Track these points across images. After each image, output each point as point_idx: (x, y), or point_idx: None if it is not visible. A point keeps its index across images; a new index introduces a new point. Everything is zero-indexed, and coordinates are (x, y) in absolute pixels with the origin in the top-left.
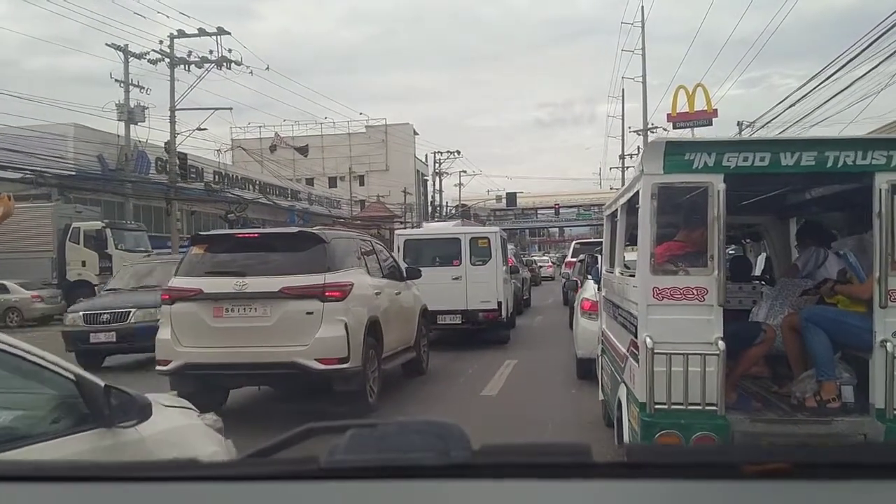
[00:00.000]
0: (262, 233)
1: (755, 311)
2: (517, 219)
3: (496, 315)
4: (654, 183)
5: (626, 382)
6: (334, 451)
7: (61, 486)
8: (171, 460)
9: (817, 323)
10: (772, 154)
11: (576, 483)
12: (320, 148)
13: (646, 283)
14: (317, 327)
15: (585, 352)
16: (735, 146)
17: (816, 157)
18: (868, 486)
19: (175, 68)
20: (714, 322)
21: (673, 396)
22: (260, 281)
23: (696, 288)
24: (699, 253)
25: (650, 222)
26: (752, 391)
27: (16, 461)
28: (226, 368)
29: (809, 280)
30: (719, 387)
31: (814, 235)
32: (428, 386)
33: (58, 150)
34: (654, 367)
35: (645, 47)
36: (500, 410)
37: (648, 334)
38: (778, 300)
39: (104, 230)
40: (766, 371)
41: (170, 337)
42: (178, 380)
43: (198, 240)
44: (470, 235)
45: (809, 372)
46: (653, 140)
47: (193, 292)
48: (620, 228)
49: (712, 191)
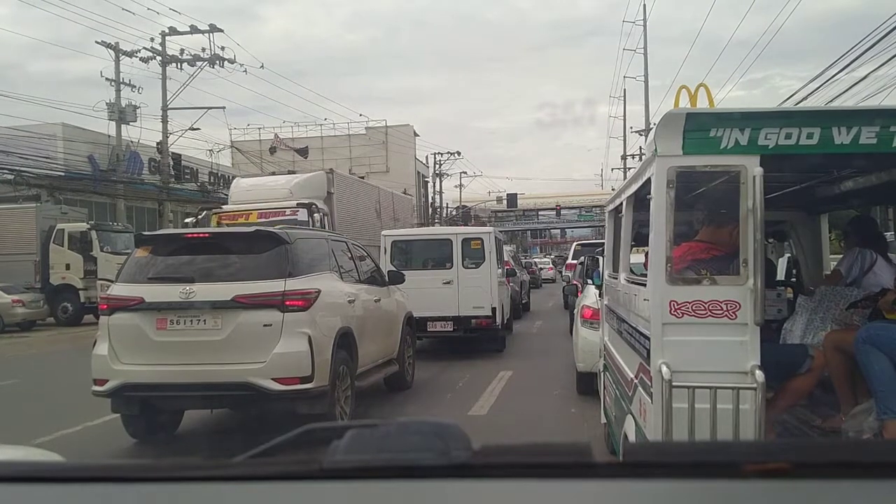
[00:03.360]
0: (213, 232)
1: (788, 327)
2: (518, 220)
3: (490, 322)
4: (670, 167)
5: (635, 416)
6: (334, 451)
7: (61, 487)
8: (171, 460)
9: (879, 346)
10: (822, 129)
11: (576, 483)
12: (320, 150)
13: (660, 296)
14: (275, 341)
15: (586, 365)
16: (775, 119)
17: (879, 134)
18: (869, 486)
19: (167, 66)
20: (749, 345)
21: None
22: (210, 288)
23: (726, 301)
24: (728, 256)
25: (666, 217)
26: (791, 426)
27: (16, 461)
28: (170, 389)
29: (856, 289)
30: (757, 429)
31: (864, 234)
32: (410, 403)
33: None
34: (672, 404)
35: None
36: (488, 433)
37: (665, 361)
38: (817, 313)
39: (89, 232)
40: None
41: (107, 353)
42: (118, 402)
43: (141, 241)
44: (462, 236)
45: (866, 405)
46: (669, 111)
47: (134, 301)
48: (626, 226)
49: (746, 177)
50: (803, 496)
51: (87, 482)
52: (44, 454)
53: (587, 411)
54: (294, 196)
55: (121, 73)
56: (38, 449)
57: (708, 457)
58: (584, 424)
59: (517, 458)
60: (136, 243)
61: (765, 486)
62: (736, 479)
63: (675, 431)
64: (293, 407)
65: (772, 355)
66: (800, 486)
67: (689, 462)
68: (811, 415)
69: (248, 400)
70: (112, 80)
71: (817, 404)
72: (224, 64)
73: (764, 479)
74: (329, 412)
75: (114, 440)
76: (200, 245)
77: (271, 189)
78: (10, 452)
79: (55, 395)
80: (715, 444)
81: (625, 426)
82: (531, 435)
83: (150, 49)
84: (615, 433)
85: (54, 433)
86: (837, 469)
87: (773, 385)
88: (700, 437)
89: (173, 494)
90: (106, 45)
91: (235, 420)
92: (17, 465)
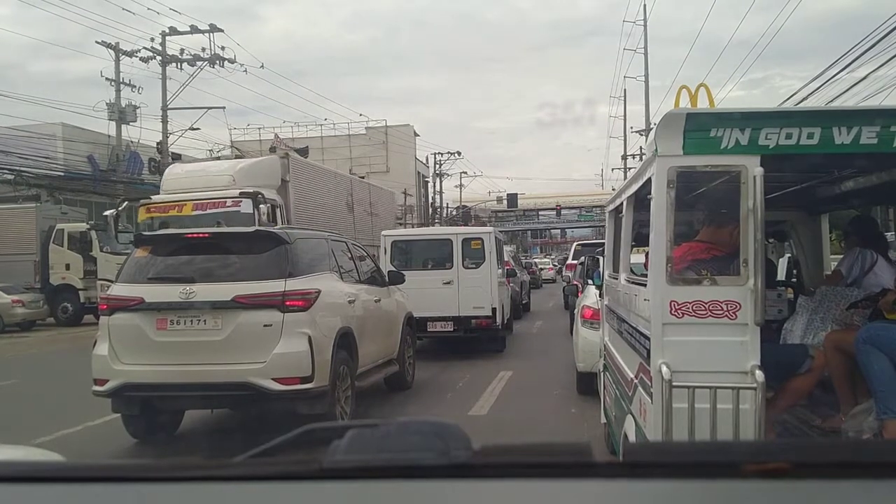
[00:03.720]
0: (213, 232)
1: (789, 327)
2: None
3: (490, 322)
4: (671, 167)
5: (635, 416)
6: (334, 451)
7: (61, 487)
8: (171, 460)
9: (879, 346)
10: (823, 129)
11: (576, 483)
12: (320, 150)
13: (661, 296)
14: (275, 341)
15: (587, 365)
16: (776, 119)
17: (880, 134)
18: (869, 486)
19: (167, 66)
20: (749, 345)
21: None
22: (210, 288)
23: (726, 302)
24: (729, 256)
25: (666, 217)
26: (791, 426)
27: (16, 461)
28: (170, 389)
29: (856, 289)
30: (757, 429)
31: (865, 234)
32: (410, 403)
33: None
34: (672, 404)
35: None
36: (488, 433)
37: (664, 361)
38: (818, 314)
39: (89, 232)
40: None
41: (107, 353)
42: (119, 402)
43: (140, 241)
44: (462, 236)
45: (865, 405)
46: (670, 111)
47: (134, 301)
48: (626, 226)
49: (746, 176)
50: (803, 496)
51: (87, 482)
52: (44, 454)
53: (587, 411)
54: (237, 184)
55: (121, 73)
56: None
57: (708, 457)
58: (584, 424)
59: (517, 458)
60: (136, 243)
61: (765, 486)
62: (736, 479)
63: (675, 431)
64: (293, 407)
65: (772, 355)
66: (800, 486)
67: (689, 462)
68: (811, 415)
69: (249, 400)
70: (112, 80)
71: (817, 404)
72: (224, 64)
73: (764, 479)
74: (329, 412)
75: (114, 440)
76: (200, 245)
77: (211, 176)
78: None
79: (55, 395)
80: (715, 444)
81: (625, 426)
82: (531, 435)
83: (150, 49)
84: (615, 433)
85: (54, 433)
86: (837, 469)
87: (773, 385)
88: (700, 437)
89: (173, 494)
90: (106, 45)
91: (235, 420)
92: (17, 464)
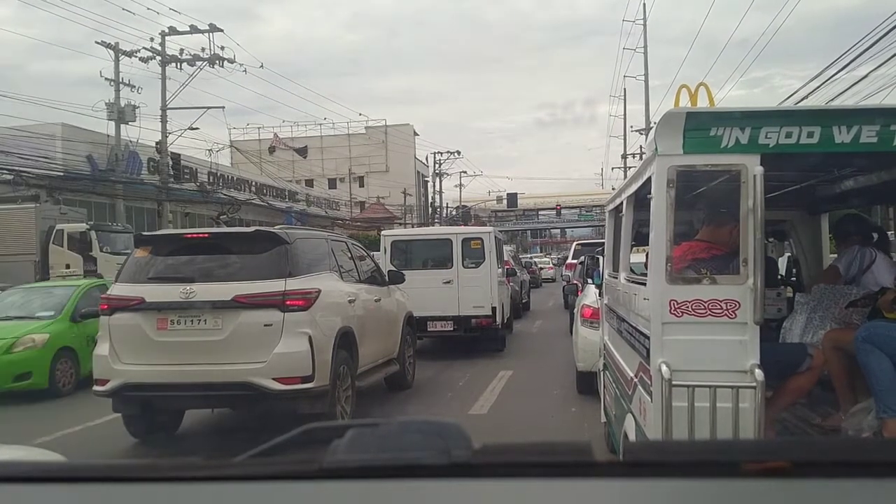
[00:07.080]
0: (213, 233)
1: (788, 326)
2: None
3: (490, 321)
4: (670, 166)
5: (635, 415)
6: (334, 451)
7: (61, 487)
8: (171, 460)
9: (879, 345)
10: (823, 128)
11: (576, 482)
12: (320, 149)
13: (660, 295)
14: (276, 341)
15: (586, 364)
16: (776, 118)
17: (880, 133)
18: (869, 485)
19: (167, 66)
20: (748, 344)
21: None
22: (210, 288)
23: (726, 301)
24: (728, 255)
25: (666, 217)
26: (791, 425)
27: (17, 461)
28: (171, 389)
29: (855, 287)
30: (756, 428)
31: (859, 231)
32: (410, 402)
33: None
34: (672, 403)
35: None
36: (489, 432)
37: (664, 360)
38: (816, 312)
39: (88, 232)
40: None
41: (108, 353)
42: (119, 402)
43: (141, 241)
44: (462, 236)
45: (865, 404)
46: (669, 110)
47: (134, 301)
48: (626, 225)
49: (746, 176)
50: (803, 495)
51: (88, 482)
52: (45, 454)
53: (587, 411)
54: None
55: (120, 73)
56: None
57: (708, 456)
58: (584, 424)
59: (518, 457)
60: (136, 243)
61: (764, 485)
62: (736, 477)
63: (674, 430)
64: (294, 406)
65: (771, 354)
66: (799, 485)
67: (688, 461)
68: (811, 413)
69: (249, 400)
70: (112, 80)
71: (817, 403)
72: (224, 64)
73: (764, 477)
74: (330, 412)
75: (114, 440)
76: (200, 245)
77: None
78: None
79: (55, 395)
80: (715, 443)
81: (625, 425)
82: (531, 434)
83: (150, 49)
84: (615, 432)
85: (55, 433)
86: (837, 468)
87: (772, 384)
88: (700, 435)
89: (173, 494)
90: (106, 45)
91: (235, 420)
92: (18, 464)
